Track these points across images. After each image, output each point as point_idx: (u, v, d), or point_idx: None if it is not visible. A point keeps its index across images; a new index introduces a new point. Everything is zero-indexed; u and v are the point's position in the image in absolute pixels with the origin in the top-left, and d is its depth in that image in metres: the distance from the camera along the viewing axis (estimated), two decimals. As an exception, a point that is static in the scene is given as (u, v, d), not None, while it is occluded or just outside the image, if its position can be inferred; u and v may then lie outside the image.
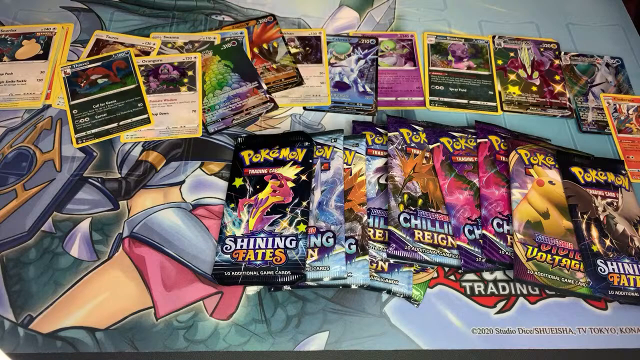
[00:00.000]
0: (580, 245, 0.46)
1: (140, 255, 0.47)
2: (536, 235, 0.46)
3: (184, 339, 0.43)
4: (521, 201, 0.48)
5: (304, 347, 0.43)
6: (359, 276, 0.44)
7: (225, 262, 0.45)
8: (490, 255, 0.45)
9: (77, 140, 0.53)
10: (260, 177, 0.50)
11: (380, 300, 0.45)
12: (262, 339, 0.43)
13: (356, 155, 0.51)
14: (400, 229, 0.46)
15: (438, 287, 0.46)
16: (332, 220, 0.47)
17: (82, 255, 0.47)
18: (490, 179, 0.50)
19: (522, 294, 0.45)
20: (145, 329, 0.43)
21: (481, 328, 0.44)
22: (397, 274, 0.45)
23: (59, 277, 0.46)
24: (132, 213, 0.49)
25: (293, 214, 0.47)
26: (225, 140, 0.54)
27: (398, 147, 0.51)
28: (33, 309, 0.44)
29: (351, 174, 0.50)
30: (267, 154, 0.51)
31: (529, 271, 0.44)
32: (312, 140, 0.52)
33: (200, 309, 0.45)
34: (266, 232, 0.46)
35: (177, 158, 0.53)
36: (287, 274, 0.44)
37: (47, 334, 0.43)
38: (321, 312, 0.44)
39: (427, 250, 0.45)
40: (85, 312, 0.44)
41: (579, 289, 0.44)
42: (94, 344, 0.43)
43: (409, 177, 0.49)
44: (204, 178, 0.52)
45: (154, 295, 0.45)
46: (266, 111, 0.56)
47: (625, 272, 0.44)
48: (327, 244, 0.45)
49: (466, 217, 0.47)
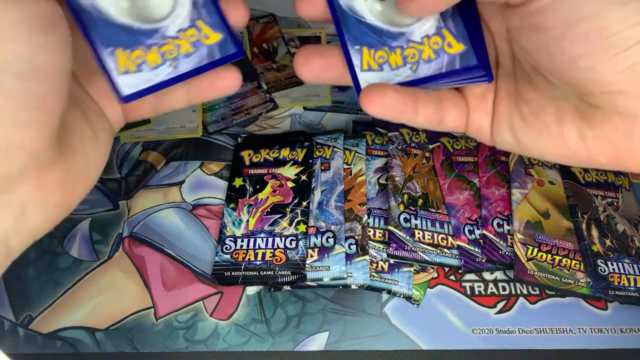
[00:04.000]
0: (580, 245, 0.46)
1: (140, 255, 0.47)
2: (536, 235, 0.46)
3: (184, 339, 0.43)
4: (521, 201, 0.48)
5: (304, 347, 0.43)
6: (359, 276, 0.44)
7: (225, 262, 0.45)
8: (491, 255, 0.45)
9: (77, 140, 0.53)
10: (260, 177, 0.50)
11: (380, 300, 0.45)
12: (262, 339, 0.43)
13: (356, 155, 0.51)
14: (400, 229, 0.46)
15: (438, 287, 0.46)
16: (332, 220, 0.47)
17: (82, 255, 0.47)
18: (491, 179, 0.50)
19: (522, 294, 0.45)
20: (145, 329, 0.43)
21: (481, 328, 0.44)
22: (397, 274, 0.45)
23: (59, 277, 0.46)
24: (132, 213, 0.49)
25: (293, 214, 0.47)
26: (225, 140, 0.54)
27: (398, 147, 0.51)
28: (33, 309, 0.44)
29: (351, 174, 0.50)
30: (267, 153, 0.51)
31: (529, 271, 0.44)
32: (312, 140, 0.52)
33: (200, 309, 0.45)
34: (266, 232, 0.46)
35: (177, 158, 0.53)
36: (287, 274, 0.44)
37: (47, 334, 0.43)
38: (321, 312, 0.44)
39: (427, 250, 0.45)
40: (85, 312, 0.44)
41: (579, 289, 0.44)
42: (94, 344, 0.43)
43: (409, 177, 0.49)
44: (203, 178, 0.52)
45: (154, 295, 0.45)
46: (266, 111, 0.56)
47: (626, 272, 0.44)
48: (327, 244, 0.45)
49: (466, 217, 0.47)
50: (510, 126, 0.25)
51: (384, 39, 0.25)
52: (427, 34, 0.26)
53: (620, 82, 0.20)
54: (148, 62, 0.25)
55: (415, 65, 0.26)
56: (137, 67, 0.25)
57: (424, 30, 0.26)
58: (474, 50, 0.25)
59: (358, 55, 0.26)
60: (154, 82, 0.26)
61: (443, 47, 0.26)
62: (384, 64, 0.26)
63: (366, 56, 0.26)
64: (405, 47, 0.26)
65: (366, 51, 0.26)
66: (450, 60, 0.26)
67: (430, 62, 0.26)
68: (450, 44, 0.26)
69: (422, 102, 0.25)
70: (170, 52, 0.25)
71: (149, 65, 0.25)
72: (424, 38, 0.26)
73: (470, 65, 0.25)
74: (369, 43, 0.26)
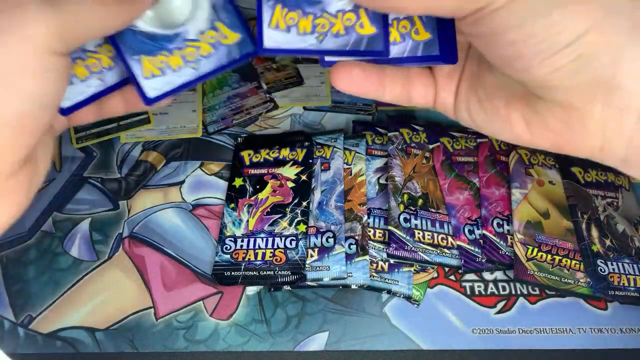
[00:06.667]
0: (580, 245, 0.46)
1: (140, 255, 0.47)
2: (536, 235, 0.46)
3: (184, 339, 0.43)
4: (521, 201, 0.48)
5: (304, 347, 0.43)
6: (359, 276, 0.44)
7: (225, 262, 0.45)
8: (491, 255, 0.45)
9: (78, 140, 0.53)
10: (260, 177, 0.50)
11: (380, 300, 0.45)
12: (262, 339, 0.43)
13: (356, 155, 0.51)
14: (400, 229, 0.46)
15: (438, 287, 0.46)
16: (332, 220, 0.47)
17: (82, 255, 0.47)
18: (491, 179, 0.50)
19: (522, 294, 0.45)
20: (145, 329, 0.43)
21: (481, 328, 0.44)
22: (397, 274, 0.45)
23: (59, 277, 0.46)
24: (132, 213, 0.49)
25: (293, 214, 0.47)
26: (225, 140, 0.54)
27: (398, 147, 0.51)
28: (33, 309, 0.44)
29: (351, 174, 0.50)
30: (267, 153, 0.51)
31: (529, 271, 0.44)
32: (312, 140, 0.52)
33: (200, 309, 0.45)
34: (266, 232, 0.46)
35: (177, 158, 0.53)
36: (287, 274, 0.44)
37: (47, 334, 0.43)
38: (321, 312, 0.44)
39: (427, 250, 0.45)
40: (85, 312, 0.44)
41: (579, 289, 0.44)
42: (94, 344, 0.43)
43: (409, 177, 0.49)
44: (203, 178, 0.52)
45: (154, 295, 0.45)
46: (266, 111, 0.56)
47: (626, 272, 0.44)
48: (327, 244, 0.45)
49: (466, 217, 0.47)
50: (468, 106, 0.27)
51: (160, 43, 0.27)
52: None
53: (552, 80, 0.21)
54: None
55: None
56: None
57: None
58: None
59: (139, 65, 0.27)
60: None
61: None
62: (165, 67, 0.27)
63: (146, 63, 0.27)
64: (183, 47, 0.27)
65: (144, 59, 0.27)
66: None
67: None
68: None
69: (389, 79, 0.27)
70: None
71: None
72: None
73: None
74: (146, 50, 0.27)
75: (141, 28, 0.26)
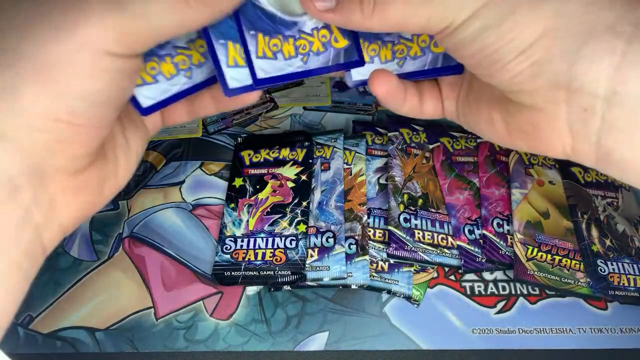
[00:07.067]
0: (580, 245, 0.46)
1: (140, 255, 0.47)
2: (536, 235, 0.46)
3: (184, 339, 0.43)
4: (521, 201, 0.48)
5: (304, 347, 0.43)
6: (359, 276, 0.44)
7: (225, 262, 0.45)
8: (490, 255, 0.45)
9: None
10: (261, 177, 0.50)
11: (380, 300, 0.45)
12: (262, 339, 0.43)
13: (356, 155, 0.51)
14: (400, 229, 0.46)
15: (438, 287, 0.46)
16: (332, 220, 0.47)
17: (82, 255, 0.47)
18: (491, 179, 0.50)
19: (522, 294, 0.45)
20: (145, 329, 0.43)
21: (481, 328, 0.44)
22: (397, 274, 0.45)
23: (59, 277, 0.46)
24: (132, 213, 0.49)
25: (293, 214, 0.47)
26: (225, 140, 0.54)
27: (398, 147, 0.51)
28: (33, 309, 0.44)
29: (351, 174, 0.50)
30: (267, 153, 0.51)
31: (529, 271, 0.44)
32: (312, 140, 0.52)
33: (200, 309, 0.45)
34: (266, 232, 0.46)
35: (177, 158, 0.53)
36: (287, 274, 0.44)
37: (47, 334, 0.43)
38: (321, 312, 0.44)
39: (427, 250, 0.45)
40: (85, 312, 0.44)
41: (579, 289, 0.44)
42: (94, 344, 0.43)
43: (409, 177, 0.49)
44: (203, 178, 0.52)
45: (154, 295, 0.45)
46: (266, 111, 0.56)
47: (626, 272, 0.44)
48: (327, 244, 0.45)
49: (466, 217, 0.47)
50: (463, 110, 0.29)
51: (277, 26, 0.26)
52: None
53: (514, 85, 0.23)
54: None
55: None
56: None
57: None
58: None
59: (253, 43, 0.26)
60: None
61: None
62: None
63: (261, 42, 0.26)
64: (298, 38, 0.26)
65: (259, 36, 0.26)
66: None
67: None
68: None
69: (410, 91, 0.29)
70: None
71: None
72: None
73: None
74: (263, 29, 0.26)
75: (262, 5, 0.25)
